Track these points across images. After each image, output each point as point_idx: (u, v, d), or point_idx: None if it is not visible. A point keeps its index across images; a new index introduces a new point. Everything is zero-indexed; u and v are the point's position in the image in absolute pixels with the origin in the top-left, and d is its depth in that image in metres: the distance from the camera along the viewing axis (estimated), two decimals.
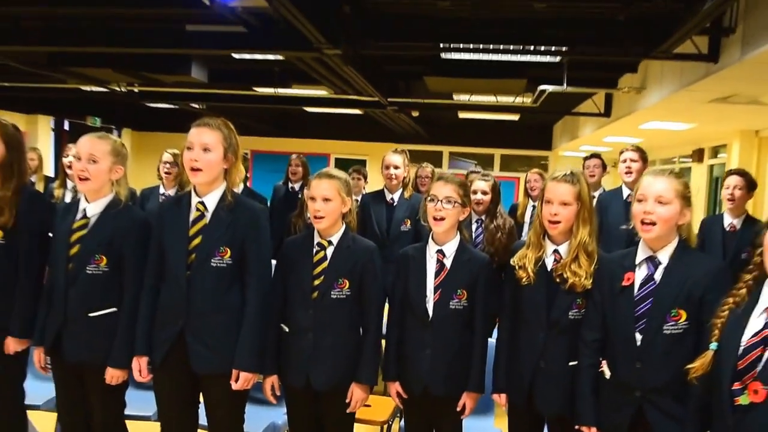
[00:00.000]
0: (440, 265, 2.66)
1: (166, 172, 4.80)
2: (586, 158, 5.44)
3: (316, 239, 2.67)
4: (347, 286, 2.62)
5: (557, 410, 2.51)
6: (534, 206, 5.53)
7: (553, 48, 5.76)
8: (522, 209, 5.60)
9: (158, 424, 2.85)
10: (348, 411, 2.67)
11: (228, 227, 2.58)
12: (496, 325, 2.82)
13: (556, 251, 2.54)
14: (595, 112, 8.76)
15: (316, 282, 2.62)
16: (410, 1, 5.34)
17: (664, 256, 2.29)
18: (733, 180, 4.10)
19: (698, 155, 10.08)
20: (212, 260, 2.55)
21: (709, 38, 4.77)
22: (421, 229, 4.49)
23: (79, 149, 2.67)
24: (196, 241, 2.57)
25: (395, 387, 2.72)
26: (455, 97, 9.27)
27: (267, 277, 2.66)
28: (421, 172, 5.88)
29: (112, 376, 2.63)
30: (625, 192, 4.46)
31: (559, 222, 2.50)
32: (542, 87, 7.30)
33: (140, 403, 2.96)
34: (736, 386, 1.85)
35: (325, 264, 2.63)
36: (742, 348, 1.87)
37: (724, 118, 7.18)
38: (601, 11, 5.14)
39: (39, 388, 3.01)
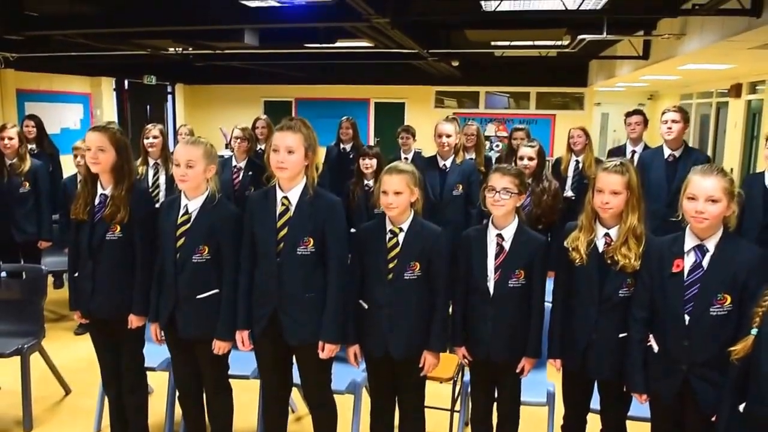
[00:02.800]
0: (500, 247, 2.85)
1: (238, 146, 5.04)
2: (627, 114, 5.46)
3: (389, 226, 2.87)
4: (418, 268, 2.83)
5: (607, 376, 2.74)
6: (577, 160, 5.63)
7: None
8: (565, 164, 5.68)
9: (256, 381, 3.21)
10: (421, 375, 2.93)
11: (310, 218, 2.81)
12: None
13: (606, 234, 2.69)
14: (632, 54, 8.59)
15: (391, 265, 2.83)
16: None
17: (711, 245, 2.44)
18: None
19: (736, 90, 9.85)
20: (298, 249, 2.80)
21: None
22: (472, 193, 4.69)
23: (178, 157, 2.90)
24: (283, 232, 2.81)
25: (462, 351, 2.97)
26: (494, 43, 9.17)
27: (345, 260, 2.88)
28: (466, 130, 5.95)
29: (219, 347, 2.95)
30: (666, 152, 4.55)
31: (610, 209, 2.65)
32: (582, 36, 7.20)
33: (240, 363, 3.27)
34: None
35: (397, 249, 2.84)
36: None
37: (763, 59, 7.02)
38: None
39: (153, 353, 3.34)
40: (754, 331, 2.14)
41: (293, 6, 5.35)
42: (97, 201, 3.07)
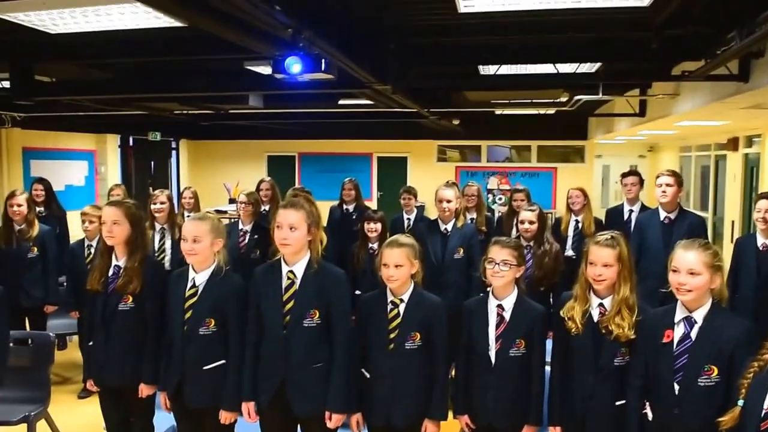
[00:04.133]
0: (500, 317, 2.98)
1: (243, 210, 5.22)
2: (623, 175, 5.65)
3: (390, 297, 3.00)
4: (418, 338, 2.95)
5: None
6: (577, 220, 5.78)
7: (588, 64, 5.97)
8: (565, 224, 5.83)
9: None
10: None
11: (315, 291, 2.93)
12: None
13: (601, 305, 2.82)
14: (629, 112, 8.86)
15: (392, 335, 2.95)
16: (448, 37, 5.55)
17: (699, 317, 2.56)
18: (764, 204, 4.26)
19: (733, 144, 10.09)
20: (304, 321, 2.91)
21: (740, 60, 4.93)
22: (474, 256, 4.82)
23: (185, 232, 3.05)
24: (290, 305, 2.93)
25: (464, 419, 3.07)
26: (493, 101, 9.48)
27: (349, 332, 2.99)
28: (467, 190, 6.12)
29: (226, 418, 3.03)
30: (662, 214, 4.71)
31: (603, 281, 2.79)
32: (578, 96, 7.47)
33: (246, 429, 3.27)
34: None
35: (398, 320, 2.96)
36: (764, 411, 2.15)
37: (756, 116, 7.26)
38: (634, 37, 5.32)
39: (159, 419, 3.39)
40: (740, 403, 2.24)
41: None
42: (110, 272, 3.22)
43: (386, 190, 15.39)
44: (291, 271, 2.96)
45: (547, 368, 3.05)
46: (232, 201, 13.74)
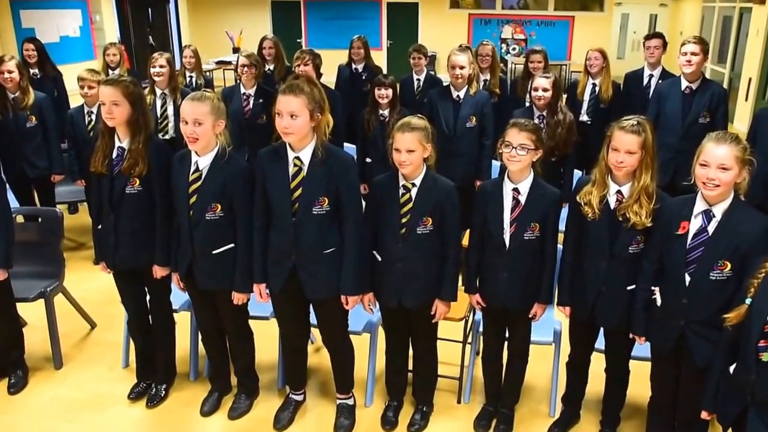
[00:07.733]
0: (516, 201, 2.90)
1: (245, 74, 4.93)
2: (647, 37, 5.34)
3: (401, 182, 2.91)
4: (430, 223, 2.90)
5: (614, 324, 2.90)
6: (594, 84, 5.54)
7: None
8: (581, 87, 5.59)
9: (274, 320, 3.34)
10: (433, 321, 3.08)
11: (323, 178, 2.83)
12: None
13: (618, 192, 2.74)
14: None
15: (404, 220, 2.90)
16: None
17: (718, 211, 2.49)
18: None
19: None
20: (313, 209, 2.84)
21: None
22: (486, 125, 4.69)
23: (184, 114, 2.88)
24: (298, 192, 2.84)
25: (476, 298, 3.11)
26: None
27: (360, 216, 2.95)
28: (481, 50, 5.84)
29: (238, 298, 3.09)
30: (683, 83, 4.51)
31: (624, 167, 2.69)
32: None
33: (258, 305, 3.32)
34: (762, 344, 2.15)
35: (410, 205, 2.89)
36: None
37: None
38: None
39: (175, 294, 3.44)
40: (748, 301, 2.24)
41: None
42: (114, 154, 3.09)
43: (396, 39, 14.78)
44: (297, 158, 2.85)
45: (560, 246, 3.04)
46: (236, 50, 13.26)
